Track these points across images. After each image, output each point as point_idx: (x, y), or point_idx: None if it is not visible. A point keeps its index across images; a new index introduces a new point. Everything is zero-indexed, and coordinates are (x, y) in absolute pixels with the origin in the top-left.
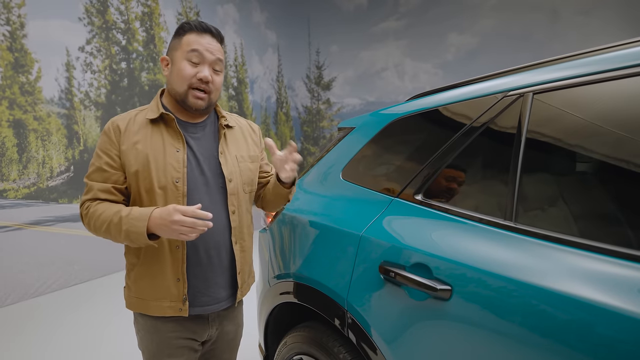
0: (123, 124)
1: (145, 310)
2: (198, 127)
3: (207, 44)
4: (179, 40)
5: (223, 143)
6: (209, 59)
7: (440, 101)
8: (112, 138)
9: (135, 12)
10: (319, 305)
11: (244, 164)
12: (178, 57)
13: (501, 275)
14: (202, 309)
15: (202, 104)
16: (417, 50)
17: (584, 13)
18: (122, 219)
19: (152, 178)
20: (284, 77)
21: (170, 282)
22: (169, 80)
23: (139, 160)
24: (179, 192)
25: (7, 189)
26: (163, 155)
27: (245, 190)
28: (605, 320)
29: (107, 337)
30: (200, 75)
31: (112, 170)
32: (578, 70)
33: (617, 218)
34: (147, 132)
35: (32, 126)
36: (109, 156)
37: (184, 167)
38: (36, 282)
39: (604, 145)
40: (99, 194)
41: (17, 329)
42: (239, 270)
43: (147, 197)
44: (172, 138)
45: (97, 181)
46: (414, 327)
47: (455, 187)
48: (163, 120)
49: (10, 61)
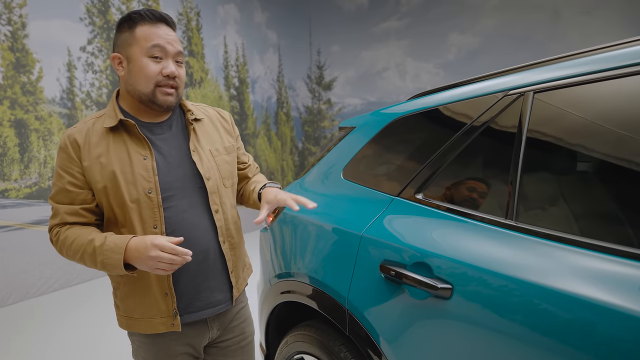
0: (81, 136)
1: (137, 329)
2: (164, 126)
3: (165, 35)
4: (131, 33)
5: (194, 139)
6: (171, 52)
7: (441, 100)
8: (72, 154)
9: None
10: (320, 304)
11: (220, 157)
12: (136, 54)
13: (502, 273)
14: (197, 314)
15: (172, 100)
16: (418, 50)
17: (585, 13)
18: (96, 249)
19: (123, 192)
20: (284, 77)
21: (158, 297)
22: (127, 81)
23: (104, 175)
24: (154, 203)
25: (8, 189)
26: (130, 166)
27: (226, 185)
28: (607, 319)
29: (108, 337)
30: (166, 71)
31: (76, 189)
32: (578, 70)
33: (618, 216)
34: (108, 143)
35: (34, 126)
36: (71, 175)
37: (155, 175)
38: (38, 282)
39: (604, 144)
40: (67, 217)
41: (18, 328)
42: (232, 269)
43: (120, 212)
44: (137, 145)
45: (63, 203)
46: (415, 326)
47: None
48: (124, 127)
49: (12, 61)
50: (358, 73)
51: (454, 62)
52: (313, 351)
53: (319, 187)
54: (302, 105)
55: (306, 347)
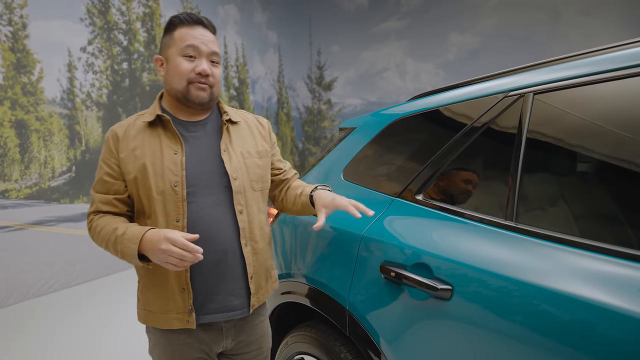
0: (121, 130)
1: (154, 323)
2: (199, 125)
3: (200, 36)
4: (171, 36)
5: (226, 139)
6: (205, 52)
7: (441, 101)
8: (111, 147)
9: (136, 12)
10: (320, 305)
11: (251, 160)
12: (173, 54)
13: (502, 274)
14: (211, 317)
15: (205, 96)
16: (418, 50)
17: (585, 13)
18: (118, 238)
19: (150, 184)
20: (285, 77)
21: (175, 292)
22: (166, 80)
23: (136, 167)
24: (178, 197)
25: (9, 189)
26: (161, 159)
27: (254, 188)
28: (607, 320)
29: (109, 337)
30: (198, 69)
31: (112, 180)
32: (578, 71)
33: (618, 218)
34: (145, 137)
35: (34, 126)
36: (109, 166)
37: (183, 170)
38: (38, 282)
39: (604, 145)
40: (101, 206)
41: (19, 328)
42: (252, 274)
43: (147, 203)
44: (170, 140)
45: (100, 193)
46: (415, 327)
47: (456, 187)
48: (161, 123)
49: (13, 62)
50: (358, 73)
51: (454, 63)
52: (313, 352)
53: None
54: (303, 105)
55: (306, 348)
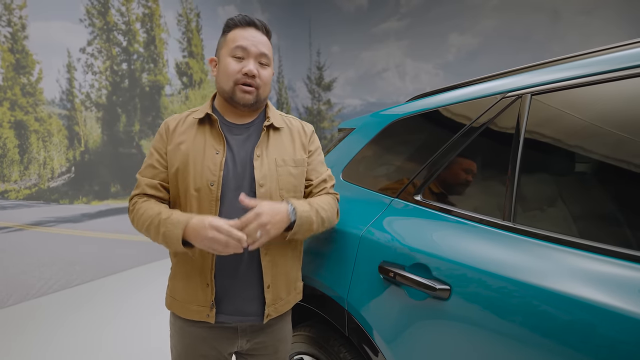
0: (173, 123)
1: (177, 310)
2: (243, 128)
3: (251, 37)
4: (224, 38)
5: (263, 145)
6: (253, 53)
7: (440, 102)
8: (163, 136)
9: (136, 13)
10: (319, 305)
11: (285, 168)
12: (223, 55)
13: (500, 275)
14: (227, 317)
15: (250, 98)
16: (418, 50)
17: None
18: (161, 221)
19: (189, 179)
20: (284, 77)
21: (199, 285)
22: (217, 80)
23: (179, 160)
24: (213, 196)
25: (8, 190)
26: (202, 156)
27: (283, 197)
28: (606, 320)
29: (108, 338)
30: (245, 69)
31: (160, 167)
32: (575, 72)
33: (616, 218)
34: (192, 133)
35: (34, 127)
36: (159, 154)
37: (221, 171)
38: (37, 283)
39: (602, 145)
40: (147, 189)
41: (18, 329)
42: (269, 284)
43: (183, 199)
44: (214, 140)
45: (147, 177)
46: (414, 327)
47: (455, 187)
48: (209, 121)
49: (12, 62)
50: (358, 74)
51: (453, 63)
52: (312, 352)
53: None
54: (302, 106)
55: (305, 348)
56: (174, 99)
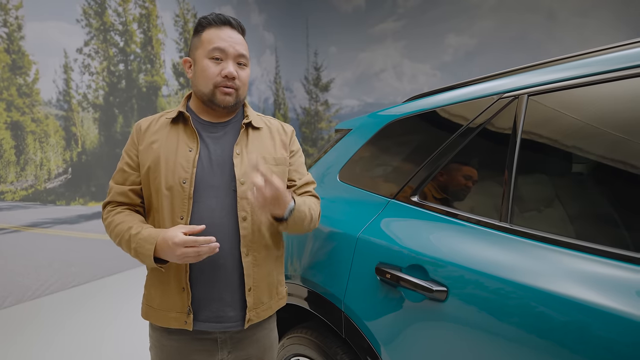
0: (146, 124)
1: (153, 319)
2: (219, 126)
3: (228, 38)
4: (199, 37)
5: (242, 143)
6: (231, 54)
7: (437, 103)
8: (134, 138)
9: (132, 13)
10: (316, 307)
11: (266, 166)
12: (200, 56)
13: (497, 276)
14: (205, 324)
15: (230, 100)
16: (415, 51)
17: (581, 14)
18: (132, 237)
19: (161, 178)
20: (282, 78)
21: (175, 291)
22: (193, 82)
23: (151, 159)
24: (185, 194)
25: (4, 191)
26: (175, 154)
27: None
28: (602, 322)
29: (106, 339)
30: (224, 72)
31: (130, 170)
32: (572, 73)
33: (613, 219)
34: (165, 132)
35: (30, 128)
36: (129, 157)
37: (194, 168)
38: (34, 284)
39: (598, 146)
40: (116, 196)
41: (15, 330)
42: (250, 287)
43: (155, 197)
44: (187, 137)
45: (117, 183)
46: (411, 328)
47: (452, 188)
48: (182, 120)
49: (8, 63)
50: (355, 74)
51: (451, 64)
52: (310, 354)
53: (316, 189)
54: (300, 106)
55: (303, 350)
56: (170, 100)
